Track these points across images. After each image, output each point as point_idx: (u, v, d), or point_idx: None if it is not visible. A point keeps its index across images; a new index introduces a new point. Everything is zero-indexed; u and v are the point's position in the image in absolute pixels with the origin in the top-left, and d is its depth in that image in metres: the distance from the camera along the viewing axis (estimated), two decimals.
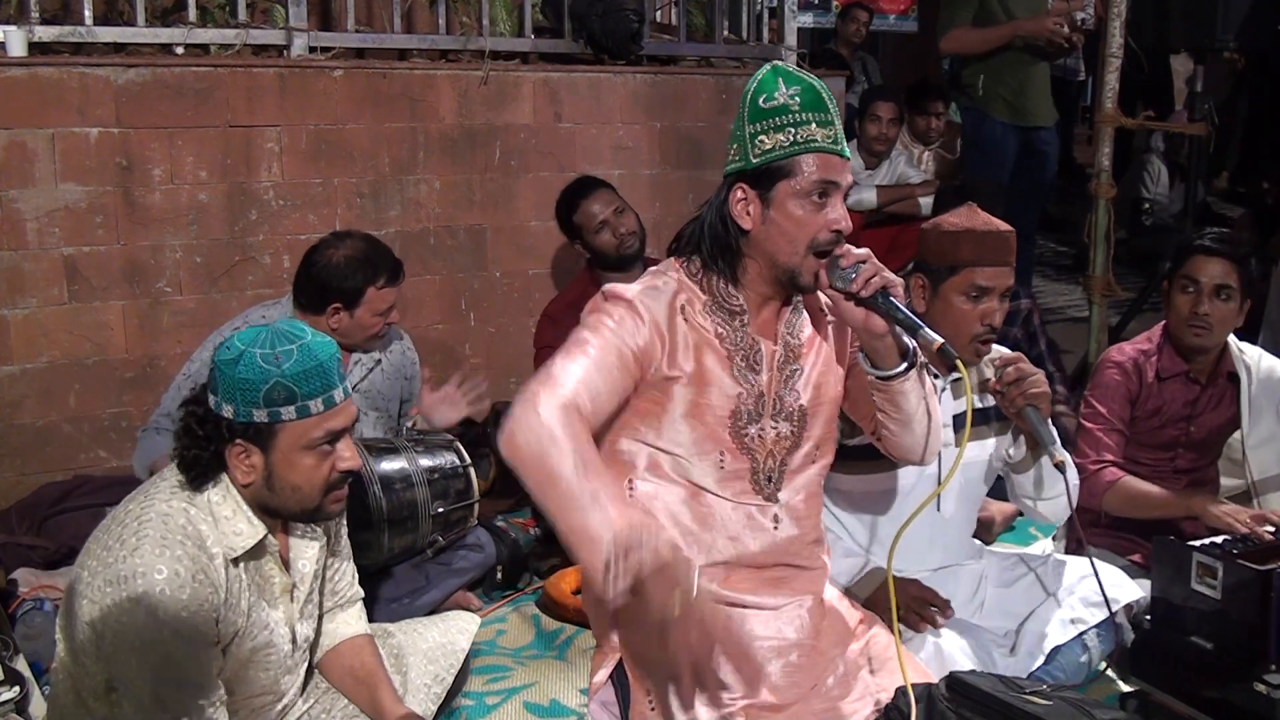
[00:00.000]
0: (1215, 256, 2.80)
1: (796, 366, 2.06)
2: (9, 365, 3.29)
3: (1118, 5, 4.06)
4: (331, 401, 1.84)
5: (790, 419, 2.05)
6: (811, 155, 1.90)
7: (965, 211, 2.47)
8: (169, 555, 1.75)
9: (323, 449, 1.85)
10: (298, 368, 1.80)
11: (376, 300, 2.93)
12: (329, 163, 3.69)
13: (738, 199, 1.95)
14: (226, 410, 1.80)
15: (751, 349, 2.01)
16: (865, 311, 1.93)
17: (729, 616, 2.02)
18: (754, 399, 2.01)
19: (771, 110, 1.91)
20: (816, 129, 1.91)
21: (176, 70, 3.41)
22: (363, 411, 3.06)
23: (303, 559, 2.01)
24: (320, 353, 1.83)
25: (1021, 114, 4.98)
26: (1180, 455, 2.96)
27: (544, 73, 4.07)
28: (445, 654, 2.28)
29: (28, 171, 3.24)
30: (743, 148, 1.93)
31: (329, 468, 1.87)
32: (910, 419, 2.06)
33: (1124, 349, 2.99)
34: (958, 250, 2.40)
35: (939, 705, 1.97)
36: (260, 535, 1.88)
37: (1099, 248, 4.21)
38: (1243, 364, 2.94)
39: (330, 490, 1.89)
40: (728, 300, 2.01)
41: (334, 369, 1.85)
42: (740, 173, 1.94)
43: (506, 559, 3.15)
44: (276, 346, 1.80)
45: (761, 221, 1.94)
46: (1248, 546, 2.37)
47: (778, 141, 1.90)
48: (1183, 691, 2.35)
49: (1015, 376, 2.32)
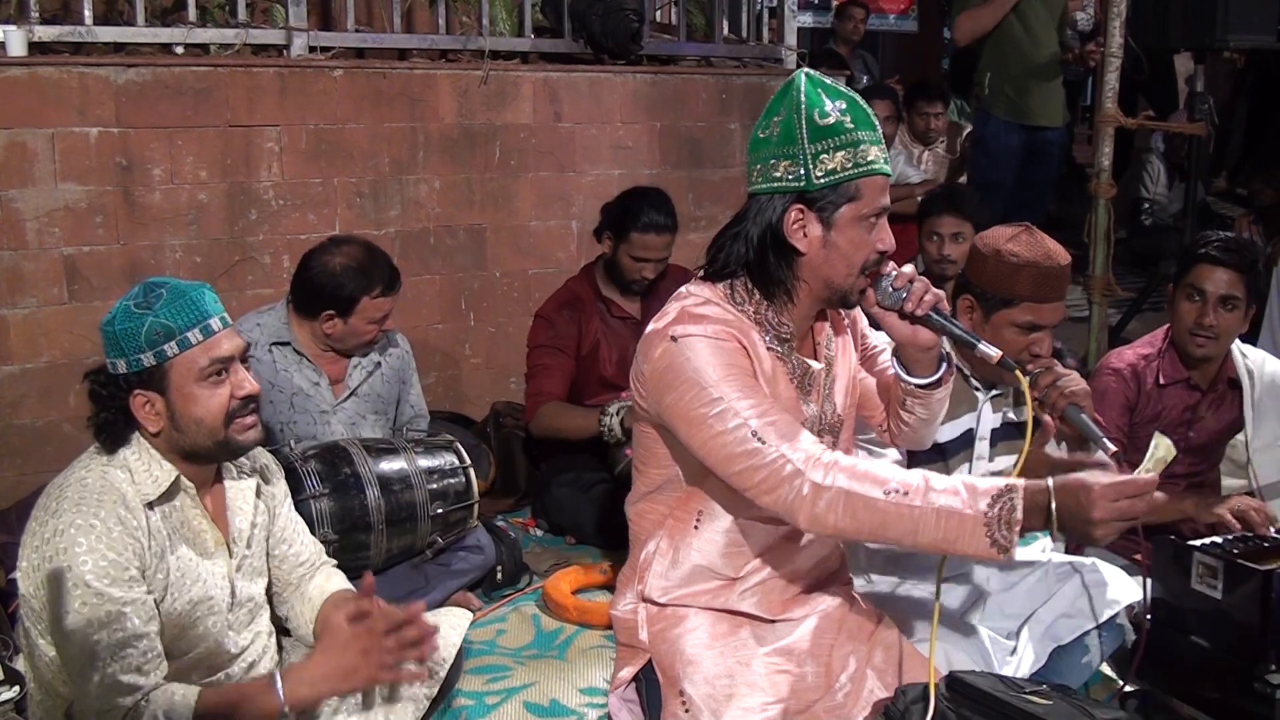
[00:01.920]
0: (1222, 266, 2.77)
1: (833, 376, 2.08)
2: (9, 365, 3.29)
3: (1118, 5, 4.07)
4: (209, 330, 1.92)
5: (833, 430, 2.07)
6: (871, 178, 1.87)
7: (1026, 239, 2.36)
8: (88, 512, 1.84)
9: (214, 378, 1.93)
10: (168, 304, 1.90)
11: (371, 309, 2.93)
12: (329, 162, 3.69)
13: (794, 220, 1.88)
14: (120, 366, 1.91)
15: (805, 373, 2.01)
16: (914, 327, 1.95)
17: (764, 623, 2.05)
18: (815, 419, 2.02)
19: (829, 129, 1.84)
20: (873, 149, 1.87)
21: (176, 70, 3.41)
22: (362, 414, 3.06)
23: (238, 515, 2.07)
24: (189, 289, 1.94)
25: (1026, 114, 4.98)
26: (1179, 461, 2.95)
27: (544, 72, 4.06)
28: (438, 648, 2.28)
29: (28, 171, 3.23)
30: (801, 166, 1.85)
31: (226, 395, 1.94)
32: (936, 417, 2.12)
33: (1123, 354, 2.97)
34: (1016, 283, 2.31)
35: (939, 705, 1.96)
36: (172, 476, 1.94)
37: (1099, 247, 4.21)
38: (1245, 369, 2.93)
39: (233, 418, 1.95)
40: (778, 329, 1.96)
41: (205, 301, 1.93)
42: (799, 194, 1.87)
43: (506, 559, 3.15)
44: (146, 295, 1.92)
45: (822, 245, 1.89)
46: (1248, 546, 2.37)
47: (841, 162, 1.84)
48: (1183, 691, 2.35)
49: (1052, 379, 2.30)
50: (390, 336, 3.17)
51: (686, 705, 1.95)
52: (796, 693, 2.00)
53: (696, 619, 2.02)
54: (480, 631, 2.91)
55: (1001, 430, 2.51)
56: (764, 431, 1.79)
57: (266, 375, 2.93)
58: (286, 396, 2.95)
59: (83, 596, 1.82)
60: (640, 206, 3.34)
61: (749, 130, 4.63)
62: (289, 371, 2.97)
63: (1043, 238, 2.38)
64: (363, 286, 2.90)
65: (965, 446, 2.48)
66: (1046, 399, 2.30)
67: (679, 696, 1.96)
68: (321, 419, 2.98)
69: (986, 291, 2.37)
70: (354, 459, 2.74)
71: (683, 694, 1.96)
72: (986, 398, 2.48)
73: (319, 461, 2.72)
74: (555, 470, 3.46)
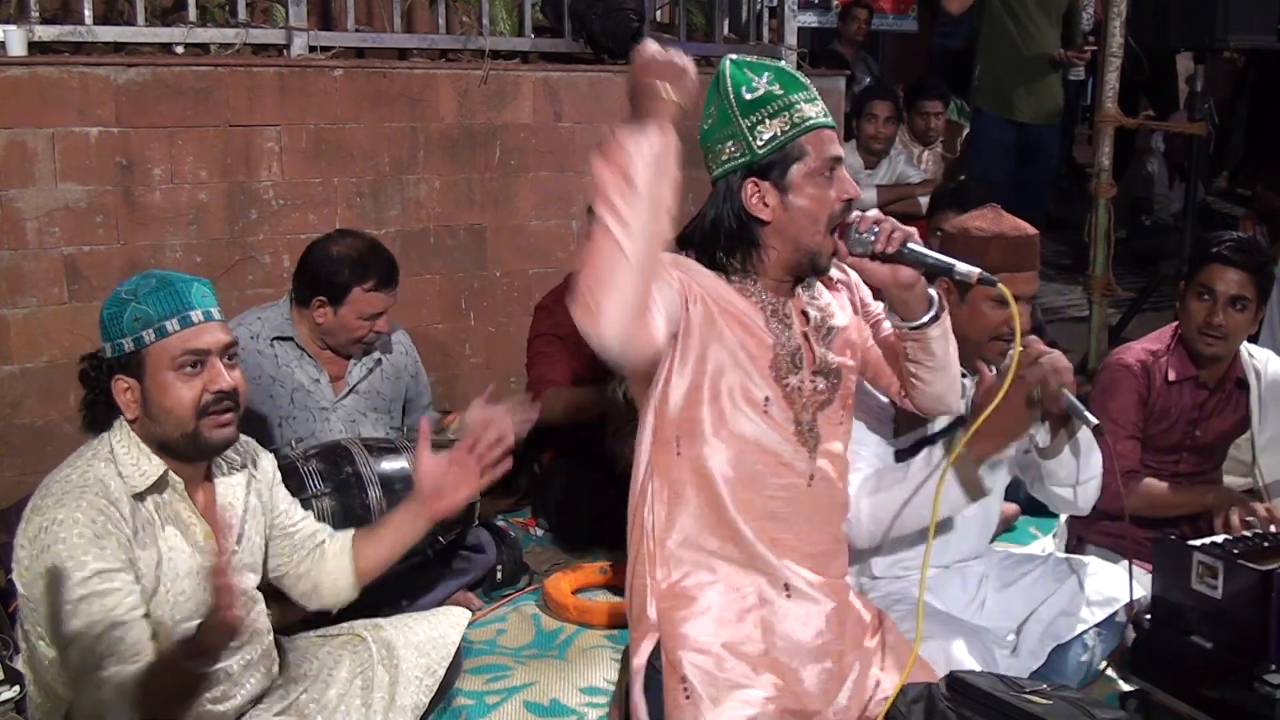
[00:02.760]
0: (1233, 266, 2.77)
1: (831, 327, 2.09)
2: (9, 365, 3.29)
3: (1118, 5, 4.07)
4: (188, 321, 1.93)
5: (828, 375, 2.07)
6: (813, 132, 1.93)
7: (991, 215, 2.43)
8: (70, 505, 1.86)
9: (188, 370, 1.93)
10: (152, 293, 1.93)
11: (362, 302, 2.91)
12: (329, 162, 3.69)
13: (751, 194, 1.94)
14: (106, 351, 1.96)
15: (780, 306, 2.03)
16: (892, 267, 1.97)
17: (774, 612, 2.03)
18: (791, 350, 2.02)
19: (759, 100, 1.92)
20: (807, 106, 1.94)
21: (176, 70, 3.41)
22: (362, 412, 3.06)
23: (229, 510, 2.08)
24: (177, 280, 1.96)
25: (1019, 111, 4.98)
26: (1185, 459, 2.95)
27: (544, 72, 4.06)
28: (436, 646, 2.30)
29: (28, 171, 3.23)
30: (742, 142, 1.93)
31: (199, 389, 1.94)
32: (944, 363, 2.12)
33: (1132, 350, 2.96)
34: (986, 256, 2.33)
35: (939, 705, 1.97)
36: (160, 470, 1.95)
37: (1099, 247, 4.21)
38: (1252, 368, 2.93)
39: (205, 414, 1.94)
40: (747, 289, 2.02)
41: (189, 292, 1.95)
42: (748, 167, 1.93)
43: (506, 559, 3.15)
44: (137, 283, 1.96)
45: (783, 209, 1.94)
46: (1248, 546, 2.37)
47: (778, 127, 1.91)
48: (1183, 691, 2.35)
49: (1051, 366, 2.31)
50: (392, 334, 3.17)
51: (688, 691, 1.94)
52: (796, 692, 2.00)
53: (706, 599, 2.01)
54: (480, 631, 2.91)
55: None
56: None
57: (268, 369, 2.93)
58: (287, 391, 2.95)
59: (71, 590, 1.82)
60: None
61: None
62: (290, 367, 2.97)
63: (1008, 215, 2.44)
64: (356, 276, 2.89)
65: (955, 432, 2.49)
66: (1048, 387, 2.30)
67: (681, 682, 1.96)
68: (321, 415, 2.98)
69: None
70: (355, 458, 2.74)
71: (684, 680, 1.95)
72: (974, 383, 2.48)
73: (321, 461, 2.72)
74: (555, 470, 3.46)
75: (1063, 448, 2.40)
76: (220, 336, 1.97)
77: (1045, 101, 5.09)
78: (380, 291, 2.93)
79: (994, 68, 4.97)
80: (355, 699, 2.19)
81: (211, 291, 2.01)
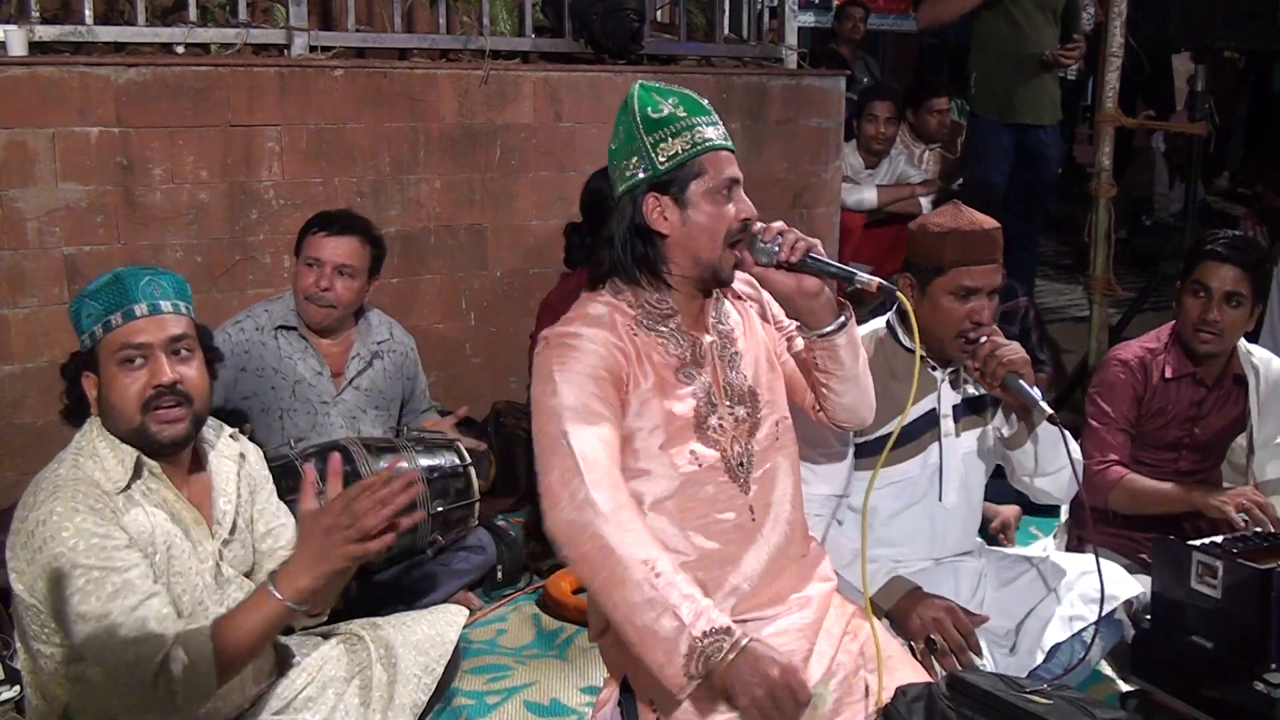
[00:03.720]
0: (1227, 263, 2.78)
1: (735, 350, 2.11)
2: (9, 364, 3.29)
3: (1118, 5, 4.06)
4: (131, 314, 1.92)
5: (743, 401, 2.08)
6: (712, 153, 1.98)
7: (950, 210, 2.48)
8: (65, 497, 1.85)
9: (131, 364, 1.92)
10: (102, 289, 1.93)
11: (308, 246, 2.96)
12: (329, 162, 3.69)
13: (652, 207, 1.99)
14: (78, 346, 1.97)
15: (693, 346, 2.05)
16: (797, 276, 2.00)
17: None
18: (705, 391, 2.04)
19: (662, 120, 1.98)
20: (709, 129, 1.99)
21: (177, 70, 3.41)
22: (362, 409, 3.06)
23: (221, 496, 2.08)
24: (124, 273, 1.95)
25: (1016, 113, 4.97)
26: (1184, 457, 2.96)
27: (544, 72, 4.07)
28: (435, 645, 2.30)
29: (28, 171, 3.24)
30: (645, 158, 1.98)
31: (143, 382, 1.92)
32: (853, 374, 2.12)
33: (1130, 347, 2.98)
34: (943, 250, 2.41)
35: (939, 704, 1.96)
36: (133, 457, 1.93)
37: (1099, 247, 4.20)
38: (1251, 366, 2.93)
39: (149, 408, 1.92)
40: (658, 306, 2.04)
41: (135, 286, 1.93)
42: (650, 183, 1.98)
43: (507, 558, 3.15)
44: (98, 280, 1.95)
45: (681, 224, 1.98)
46: (1248, 546, 2.37)
47: (679, 146, 1.97)
48: (1183, 691, 2.35)
49: (990, 349, 2.35)
50: (393, 333, 3.17)
51: (658, 714, 1.94)
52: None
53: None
54: (481, 631, 2.91)
55: (962, 406, 2.54)
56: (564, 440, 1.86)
57: (270, 361, 2.94)
58: (289, 384, 2.96)
59: (83, 576, 1.81)
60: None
61: (750, 130, 4.64)
62: (293, 359, 2.97)
63: (969, 210, 2.47)
64: (311, 224, 2.99)
65: (931, 427, 2.52)
66: (986, 368, 2.36)
67: (650, 706, 1.96)
68: (322, 409, 2.98)
69: (919, 264, 2.46)
70: (354, 457, 2.74)
71: (653, 702, 1.95)
72: (944, 376, 2.52)
73: (320, 460, 2.72)
74: None
75: (1025, 438, 2.42)
76: (162, 331, 1.94)
77: (1044, 102, 5.08)
78: (323, 234, 2.95)
79: (991, 71, 4.95)
80: (354, 698, 2.18)
81: (172, 285, 1.97)
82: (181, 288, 2.01)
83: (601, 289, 2.06)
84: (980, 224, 2.43)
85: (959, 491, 2.54)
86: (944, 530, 2.57)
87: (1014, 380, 2.31)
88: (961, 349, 2.43)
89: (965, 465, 2.55)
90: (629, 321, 2.02)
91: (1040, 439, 2.41)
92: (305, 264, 2.94)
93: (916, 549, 2.55)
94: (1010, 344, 2.36)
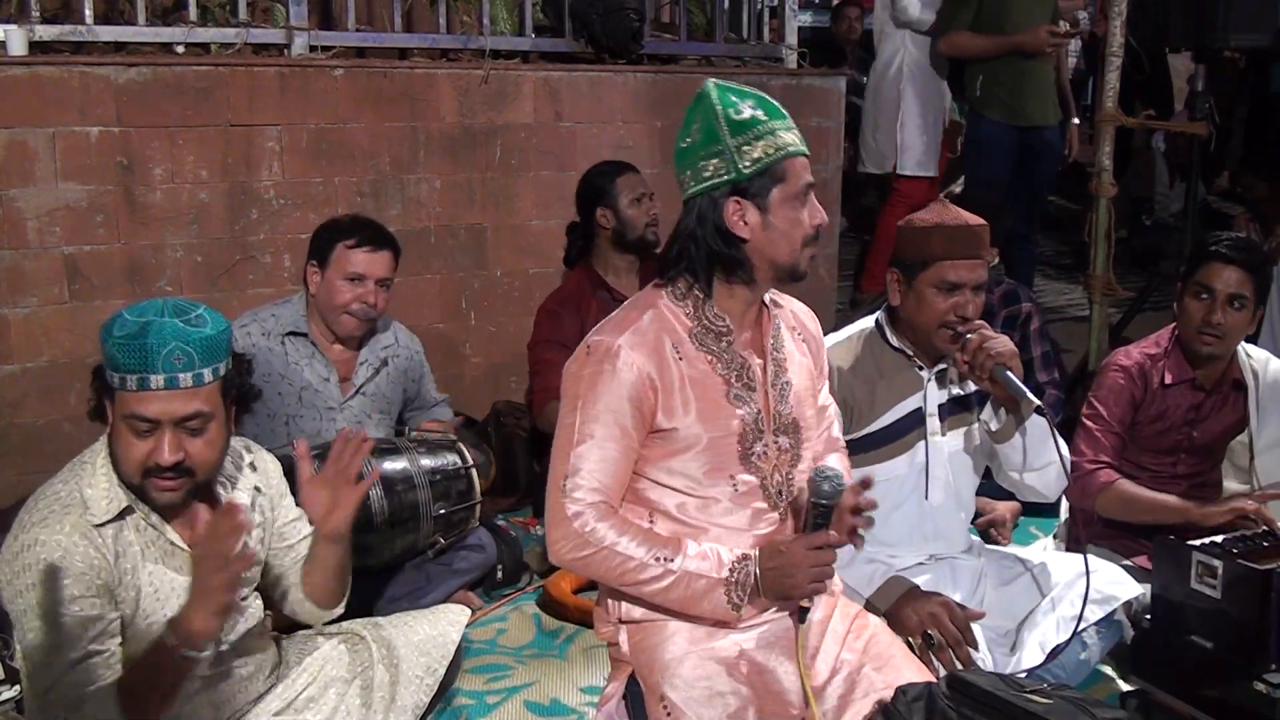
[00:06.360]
0: (1231, 265, 2.77)
1: (786, 380, 2.12)
2: (10, 364, 3.29)
3: (1118, 5, 4.06)
4: (146, 384, 1.81)
5: (788, 432, 2.10)
6: (791, 159, 2.00)
7: (936, 207, 2.51)
8: (55, 525, 1.84)
9: (138, 432, 1.84)
10: (121, 337, 1.81)
11: (344, 260, 2.90)
12: (329, 162, 3.69)
13: (733, 211, 1.99)
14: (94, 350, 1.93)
15: (744, 369, 2.06)
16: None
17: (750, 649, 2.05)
18: (754, 417, 2.05)
19: (747, 123, 1.98)
20: (788, 134, 2.01)
21: (177, 69, 3.41)
22: (368, 414, 3.06)
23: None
24: (153, 332, 1.80)
25: (1019, 114, 4.97)
26: (1182, 460, 2.95)
27: (544, 72, 4.07)
28: (436, 645, 2.30)
29: (28, 170, 3.24)
30: (728, 161, 1.98)
31: (146, 453, 1.85)
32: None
33: (1131, 352, 2.97)
34: (928, 245, 2.44)
35: (939, 704, 1.97)
36: (119, 505, 1.89)
37: (1099, 247, 4.20)
38: (1250, 369, 2.92)
39: (149, 475, 1.86)
40: (715, 323, 2.05)
41: (158, 354, 1.79)
42: (732, 185, 1.98)
43: (507, 558, 3.15)
44: (133, 312, 1.84)
45: (762, 228, 1.99)
46: (1248, 546, 2.37)
47: (763, 150, 1.97)
48: (1183, 691, 2.35)
49: (979, 342, 2.37)
50: (398, 337, 3.17)
51: (668, 710, 1.96)
52: (775, 694, 1.99)
53: (675, 625, 2.04)
54: (481, 631, 2.91)
55: (949, 405, 2.56)
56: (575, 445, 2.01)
57: (277, 367, 2.93)
58: (295, 390, 2.95)
59: (43, 615, 1.81)
60: (605, 172, 3.48)
61: None
62: (300, 365, 2.96)
63: (954, 207, 2.51)
64: (339, 235, 2.92)
65: (917, 425, 2.53)
66: (974, 361, 2.37)
67: (660, 702, 1.97)
68: (328, 415, 2.98)
69: (905, 260, 2.49)
70: None
71: (664, 699, 1.97)
72: (931, 374, 2.54)
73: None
74: None
75: (1013, 431, 2.43)
76: (178, 407, 1.82)
77: (1047, 100, 5.09)
78: (363, 250, 2.91)
79: (993, 74, 4.95)
80: (355, 699, 2.19)
81: (199, 350, 1.83)
82: (212, 350, 1.86)
83: (666, 287, 2.07)
84: (964, 219, 2.46)
85: (945, 489, 2.56)
86: (935, 528, 2.57)
87: (1002, 372, 2.33)
88: (947, 342, 2.44)
89: (952, 464, 2.56)
90: (683, 335, 2.03)
91: (1028, 432, 2.42)
92: (346, 279, 2.90)
93: (905, 549, 2.56)
94: (999, 337, 2.38)
